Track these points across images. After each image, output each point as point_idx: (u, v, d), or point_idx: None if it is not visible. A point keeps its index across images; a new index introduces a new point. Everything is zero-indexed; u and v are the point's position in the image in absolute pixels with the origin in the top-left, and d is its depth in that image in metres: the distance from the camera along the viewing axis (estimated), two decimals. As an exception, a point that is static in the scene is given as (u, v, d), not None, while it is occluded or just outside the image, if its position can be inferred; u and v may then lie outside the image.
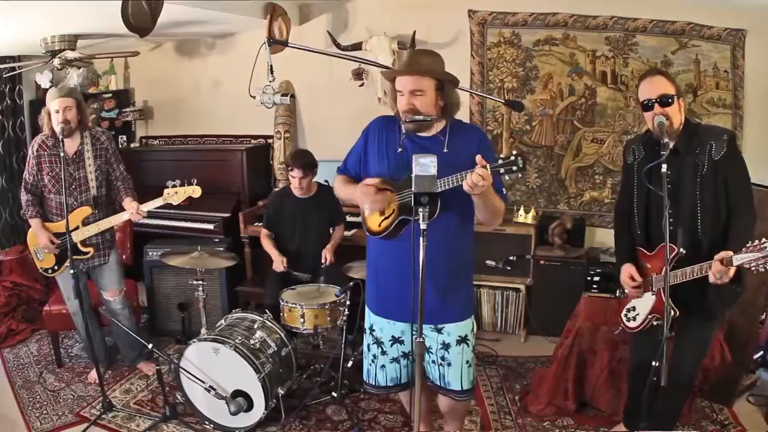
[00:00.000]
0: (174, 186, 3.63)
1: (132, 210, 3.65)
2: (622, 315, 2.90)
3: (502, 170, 2.18)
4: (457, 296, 2.55)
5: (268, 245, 4.21)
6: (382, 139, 2.55)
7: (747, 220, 2.53)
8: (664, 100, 2.53)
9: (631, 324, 2.84)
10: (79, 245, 3.66)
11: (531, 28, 4.76)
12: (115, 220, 3.73)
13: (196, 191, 3.64)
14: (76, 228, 3.63)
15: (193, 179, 3.64)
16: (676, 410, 2.97)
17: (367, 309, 2.72)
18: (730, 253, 2.32)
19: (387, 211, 2.48)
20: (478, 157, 2.19)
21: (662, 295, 2.59)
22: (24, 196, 3.72)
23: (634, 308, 2.83)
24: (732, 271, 2.33)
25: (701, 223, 2.57)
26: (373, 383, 2.72)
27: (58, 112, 3.52)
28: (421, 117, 2.39)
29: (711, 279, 2.40)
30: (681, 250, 2.53)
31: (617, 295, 2.98)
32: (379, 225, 2.52)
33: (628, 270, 2.80)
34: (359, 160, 2.64)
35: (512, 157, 2.18)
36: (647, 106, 2.58)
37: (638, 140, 2.81)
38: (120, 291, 3.94)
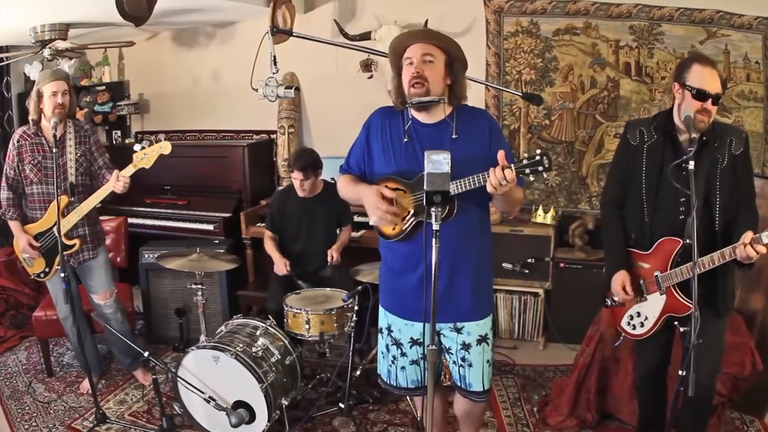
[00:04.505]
0: (142, 148, 3.56)
1: (113, 179, 3.56)
2: (623, 324, 2.87)
3: (527, 170, 2.18)
4: (477, 294, 2.55)
5: (270, 248, 4.20)
6: (386, 131, 2.54)
7: (754, 214, 2.65)
8: (716, 99, 2.53)
9: (638, 331, 2.82)
10: (64, 239, 3.58)
11: (550, 17, 4.73)
12: (96, 198, 3.65)
13: (165, 147, 3.56)
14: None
15: (161, 135, 3.52)
16: (703, 426, 2.93)
17: (382, 309, 2.71)
18: (750, 233, 2.40)
19: (401, 213, 2.47)
20: (501, 156, 2.18)
21: (674, 292, 2.65)
22: (4, 194, 3.72)
23: (638, 313, 2.81)
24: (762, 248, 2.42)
25: (719, 215, 2.60)
26: (395, 384, 2.72)
27: (55, 94, 3.53)
28: (428, 99, 2.38)
29: (740, 257, 2.44)
30: (687, 240, 2.54)
31: (610, 303, 2.91)
32: (393, 228, 2.51)
33: (621, 279, 2.74)
34: (363, 156, 2.62)
35: (537, 157, 2.17)
36: (700, 97, 2.52)
37: (648, 123, 2.76)
38: (111, 293, 3.91)
